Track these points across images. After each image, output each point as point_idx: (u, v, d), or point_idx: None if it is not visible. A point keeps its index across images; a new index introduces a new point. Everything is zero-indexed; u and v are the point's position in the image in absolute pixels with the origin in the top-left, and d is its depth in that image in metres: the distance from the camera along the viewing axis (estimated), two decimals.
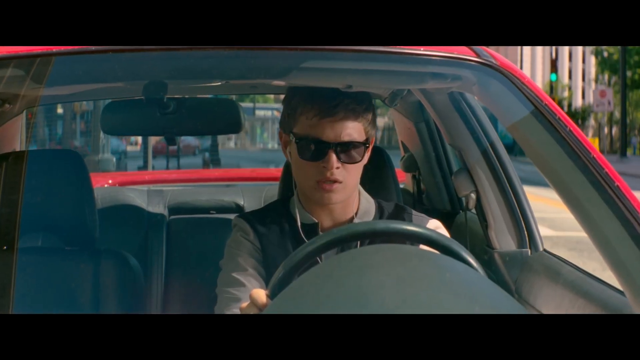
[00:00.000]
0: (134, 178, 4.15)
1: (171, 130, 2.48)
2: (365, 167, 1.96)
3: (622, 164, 26.66)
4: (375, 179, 2.23)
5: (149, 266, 2.82)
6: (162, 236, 2.89)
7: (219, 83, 2.27)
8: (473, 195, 2.41)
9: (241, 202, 3.11)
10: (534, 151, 1.80)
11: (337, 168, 1.87)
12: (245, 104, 56.26)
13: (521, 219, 2.36)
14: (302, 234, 1.95)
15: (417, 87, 2.30)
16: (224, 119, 2.55)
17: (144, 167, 17.98)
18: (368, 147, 1.94)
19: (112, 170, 14.08)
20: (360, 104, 1.90)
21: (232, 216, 2.25)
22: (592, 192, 1.68)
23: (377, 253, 1.32)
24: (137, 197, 3.05)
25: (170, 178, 4.49)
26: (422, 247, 1.64)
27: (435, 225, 2.03)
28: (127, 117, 2.49)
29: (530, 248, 2.35)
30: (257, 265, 1.93)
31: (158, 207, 3.02)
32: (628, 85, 30.66)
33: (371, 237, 1.60)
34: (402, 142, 3.36)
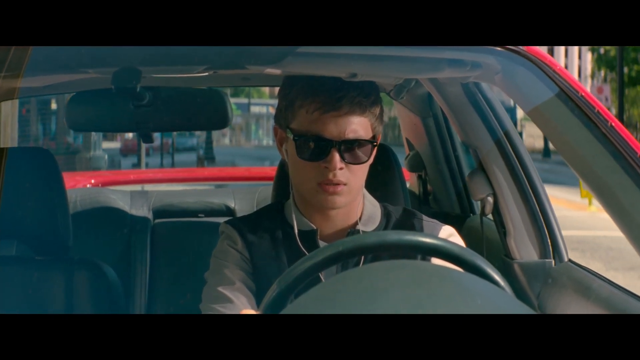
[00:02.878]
0: (118, 178, 4.00)
1: (146, 126, 2.22)
2: (370, 166, 1.80)
3: None
4: (381, 180, 2.07)
5: (131, 275, 2.69)
6: (146, 242, 2.75)
7: (206, 74, 2.05)
8: (490, 199, 2.21)
9: (232, 205, 2.96)
10: (569, 149, 1.63)
11: (341, 169, 1.73)
12: (240, 100, 56.49)
13: (544, 225, 2.16)
14: (299, 243, 1.80)
15: (431, 76, 2.10)
16: (209, 113, 2.30)
17: (138, 165, 17.87)
18: (375, 145, 1.78)
19: (104, 168, 13.97)
20: (367, 97, 1.74)
21: (222, 220, 2.15)
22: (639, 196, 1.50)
23: (389, 272, 1.18)
24: (119, 198, 2.89)
25: (157, 177, 4.37)
26: (435, 260, 1.50)
27: (448, 233, 1.87)
28: (95, 110, 2.24)
29: (554, 258, 2.15)
30: (246, 278, 1.79)
31: (142, 210, 2.87)
32: (625, 82, 30.70)
33: (382, 250, 1.44)
34: (406, 139, 3.18)
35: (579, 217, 12.08)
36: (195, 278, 1.99)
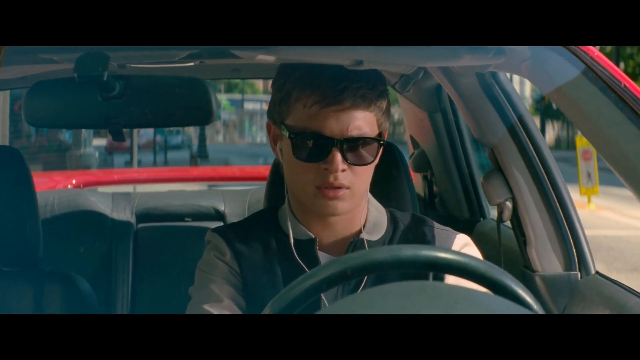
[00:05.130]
0: (101, 178, 3.91)
1: (116, 121, 2.02)
2: (375, 167, 1.65)
3: None
4: (387, 182, 1.91)
5: (112, 285, 2.58)
6: (128, 248, 2.64)
7: (191, 63, 1.87)
8: (509, 204, 2.05)
9: (221, 208, 2.82)
10: (610, 146, 1.47)
11: (343, 170, 1.59)
12: (234, 96, 56.81)
13: (569, 233, 2.01)
14: (296, 254, 1.66)
15: (448, 64, 1.93)
16: (190, 106, 2.10)
17: (131, 163, 17.79)
18: (382, 143, 1.63)
19: (94, 167, 13.91)
20: (372, 89, 1.60)
21: (210, 224, 2.10)
22: None
23: (406, 297, 1.06)
24: (99, 201, 2.76)
25: (143, 177, 4.27)
26: (449, 277, 1.44)
27: (463, 243, 1.73)
28: (56, 102, 2.05)
29: (580, 270, 2.01)
30: (235, 294, 1.66)
31: (124, 213, 2.74)
32: None
33: (396, 268, 1.27)
34: (411, 136, 3.04)
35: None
36: (181, 288, 1.86)
